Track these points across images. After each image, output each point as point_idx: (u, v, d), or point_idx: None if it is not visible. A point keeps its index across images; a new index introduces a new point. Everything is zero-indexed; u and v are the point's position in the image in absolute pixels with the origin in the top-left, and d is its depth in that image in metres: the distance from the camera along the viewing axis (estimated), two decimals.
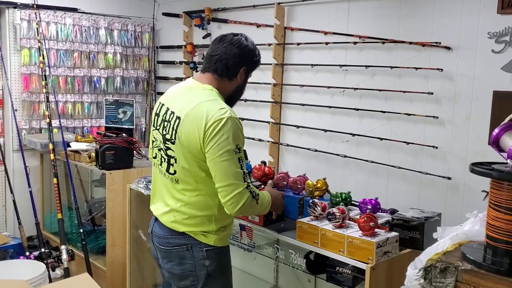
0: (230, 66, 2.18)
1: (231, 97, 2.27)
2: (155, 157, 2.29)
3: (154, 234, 2.31)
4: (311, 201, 2.42)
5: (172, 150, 2.14)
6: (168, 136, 2.15)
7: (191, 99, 2.13)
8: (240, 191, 2.01)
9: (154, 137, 2.28)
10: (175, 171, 2.15)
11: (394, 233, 2.21)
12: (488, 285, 1.35)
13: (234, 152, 2.01)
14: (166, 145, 2.17)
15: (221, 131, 2.00)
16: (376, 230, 2.18)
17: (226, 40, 2.21)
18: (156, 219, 2.30)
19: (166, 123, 2.17)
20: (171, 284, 2.37)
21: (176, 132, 2.11)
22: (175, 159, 2.14)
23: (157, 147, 2.25)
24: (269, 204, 2.23)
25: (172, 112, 2.16)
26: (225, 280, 2.27)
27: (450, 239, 1.53)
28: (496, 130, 1.45)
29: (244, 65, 2.21)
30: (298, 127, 3.58)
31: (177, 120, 2.11)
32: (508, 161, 1.40)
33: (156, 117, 2.27)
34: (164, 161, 2.19)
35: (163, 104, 2.26)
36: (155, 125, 2.27)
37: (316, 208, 2.36)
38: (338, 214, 2.25)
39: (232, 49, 2.18)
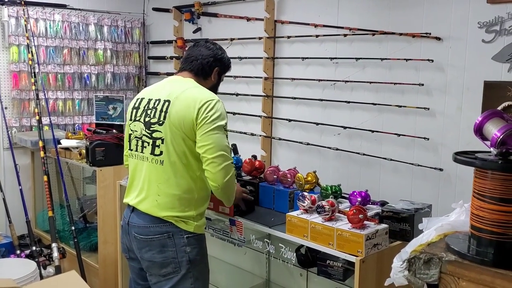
0: (205, 65, 2.39)
1: None
2: (132, 149, 2.39)
3: (131, 225, 2.34)
4: (300, 194, 2.40)
5: (160, 132, 2.25)
6: (154, 120, 2.26)
7: (178, 86, 2.31)
8: (229, 163, 2.20)
9: (131, 130, 2.38)
10: (161, 152, 2.25)
11: (383, 225, 2.20)
12: (472, 276, 1.33)
13: (224, 129, 2.22)
14: (151, 129, 2.27)
15: (213, 109, 2.19)
16: (366, 222, 2.16)
17: (200, 45, 2.46)
18: (133, 210, 2.35)
19: (150, 110, 2.29)
20: (140, 278, 2.44)
21: (166, 113, 2.23)
22: (162, 140, 2.24)
23: (136, 137, 2.35)
24: (234, 196, 2.39)
25: (157, 100, 2.29)
26: (205, 266, 2.39)
27: (435, 230, 1.51)
28: (479, 118, 1.43)
29: (217, 66, 2.42)
30: (290, 120, 3.56)
31: (166, 103, 2.25)
32: (492, 149, 1.38)
33: (134, 110, 2.38)
34: (148, 145, 2.29)
35: (142, 98, 2.39)
36: (133, 118, 2.37)
37: (305, 201, 2.35)
38: (328, 207, 2.23)
39: (205, 51, 2.41)
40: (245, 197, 2.61)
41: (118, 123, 4.30)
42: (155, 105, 2.27)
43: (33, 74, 4.07)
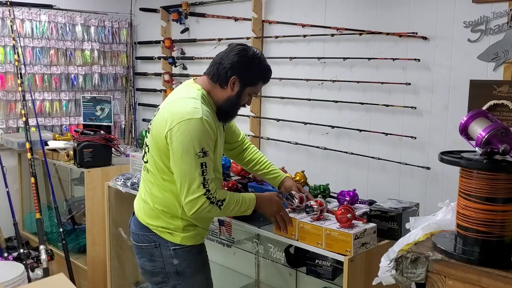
0: (221, 70, 2.10)
1: (221, 109, 2.16)
2: None
3: (130, 230, 2.34)
4: (288, 193, 2.40)
5: (148, 139, 2.19)
6: (150, 127, 2.20)
7: (174, 95, 2.17)
8: (196, 197, 1.97)
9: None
10: (147, 160, 2.20)
11: (371, 224, 2.21)
12: (458, 275, 1.34)
13: (197, 156, 1.96)
14: (147, 136, 2.22)
15: (186, 132, 1.96)
16: (354, 221, 2.17)
17: (230, 47, 2.15)
18: (133, 214, 2.34)
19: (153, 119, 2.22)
20: None
21: (152, 122, 2.17)
22: (148, 148, 2.19)
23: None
24: (248, 207, 2.14)
25: (159, 108, 2.20)
26: (198, 280, 2.23)
27: (421, 229, 1.53)
28: (464, 118, 1.44)
29: (235, 74, 2.09)
30: (278, 120, 3.56)
31: (156, 112, 2.17)
32: (477, 149, 1.39)
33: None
34: (144, 152, 2.25)
35: (158, 106, 2.27)
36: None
37: (293, 200, 2.35)
38: (316, 206, 2.24)
39: (230, 54, 2.11)
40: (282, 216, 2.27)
41: (106, 124, 4.28)
42: (155, 114, 2.20)
43: (19, 75, 4.04)
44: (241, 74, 2.10)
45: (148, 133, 2.19)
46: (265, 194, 2.28)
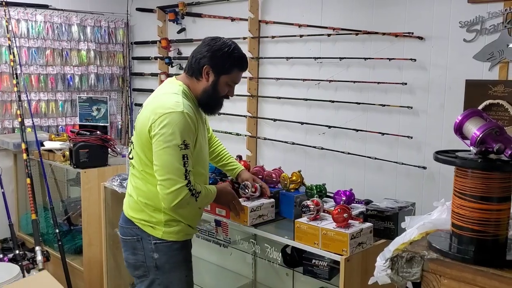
0: (194, 63, 2.18)
1: (201, 101, 2.23)
2: None
3: (119, 225, 2.39)
4: (243, 183, 2.48)
5: (133, 136, 2.24)
6: (134, 124, 2.27)
7: (157, 92, 2.25)
8: (179, 187, 2.02)
9: None
10: (132, 156, 2.24)
11: (368, 224, 2.21)
12: (453, 274, 1.35)
13: (179, 148, 2.01)
14: (133, 133, 2.28)
15: (168, 125, 2.01)
16: (350, 221, 2.17)
17: (203, 40, 2.23)
18: (123, 210, 2.39)
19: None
20: None
21: (136, 119, 2.22)
22: (133, 145, 2.24)
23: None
24: (212, 198, 2.26)
25: (143, 105, 2.26)
26: (177, 276, 2.25)
27: (417, 229, 1.53)
28: (459, 117, 1.44)
29: (207, 64, 2.15)
30: (275, 120, 3.56)
31: (140, 110, 2.23)
32: (471, 148, 1.40)
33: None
34: (130, 149, 2.29)
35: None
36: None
37: (246, 190, 2.45)
38: (312, 206, 2.24)
39: (202, 47, 2.19)
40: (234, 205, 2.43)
41: (102, 124, 4.27)
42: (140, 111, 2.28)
43: (15, 76, 4.03)
44: (212, 62, 2.15)
45: (134, 130, 2.25)
46: (222, 185, 2.44)
